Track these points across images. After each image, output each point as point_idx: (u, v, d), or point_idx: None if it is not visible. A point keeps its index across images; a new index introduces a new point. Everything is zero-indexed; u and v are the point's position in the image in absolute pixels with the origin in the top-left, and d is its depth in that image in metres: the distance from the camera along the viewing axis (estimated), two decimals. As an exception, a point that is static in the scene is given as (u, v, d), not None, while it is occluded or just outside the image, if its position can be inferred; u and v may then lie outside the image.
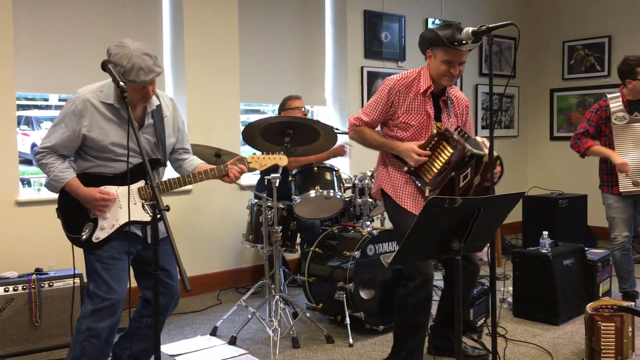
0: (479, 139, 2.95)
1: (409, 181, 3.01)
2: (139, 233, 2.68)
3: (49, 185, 2.61)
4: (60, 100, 4.58)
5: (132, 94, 2.50)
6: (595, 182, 4.23)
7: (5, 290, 3.47)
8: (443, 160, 2.86)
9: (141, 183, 2.65)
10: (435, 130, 2.98)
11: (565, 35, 7.09)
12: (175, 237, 4.57)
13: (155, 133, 2.67)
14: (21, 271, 3.67)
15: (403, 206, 3.00)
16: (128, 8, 4.50)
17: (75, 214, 2.61)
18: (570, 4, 7.03)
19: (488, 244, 2.66)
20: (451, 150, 2.85)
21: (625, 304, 3.23)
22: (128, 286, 2.55)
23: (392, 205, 3.06)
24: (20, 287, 3.51)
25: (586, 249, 4.22)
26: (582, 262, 4.11)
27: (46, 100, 4.58)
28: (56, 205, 2.68)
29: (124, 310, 2.59)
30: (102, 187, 2.59)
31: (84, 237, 2.58)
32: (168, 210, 2.07)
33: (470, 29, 2.68)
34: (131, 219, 2.56)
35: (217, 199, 4.87)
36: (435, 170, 2.88)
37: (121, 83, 2.30)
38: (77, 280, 3.58)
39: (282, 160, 2.96)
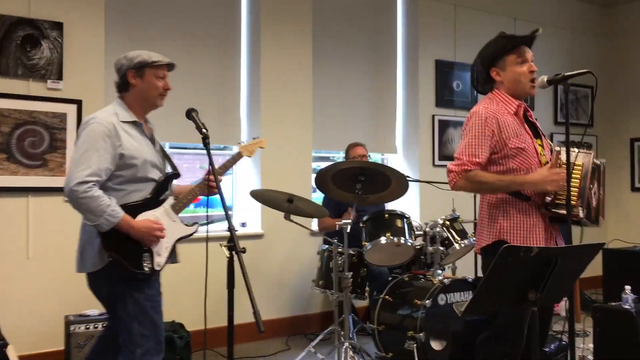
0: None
1: (539, 221, 2.68)
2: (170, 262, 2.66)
3: (105, 222, 2.38)
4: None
5: (153, 88, 2.59)
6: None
7: (86, 328, 3.62)
8: (578, 176, 2.61)
9: (171, 199, 2.64)
10: (557, 149, 2.68)
11: (645, 83, 6.88)
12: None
13: (161, 149, 2.73)
14: (102, 309, 3.81)
15: None
16: (208, 57, 4.75)
17: (130, 248, 2.47)
18: (651, 51, 6.84)
19: (566, 299, 2.55)
20: (580, 163, 2.64)
21: None
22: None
23: None
24: (100, 325, 3.65)
25: (674, 306, 3.97)
26: (670, 320, 3.86)
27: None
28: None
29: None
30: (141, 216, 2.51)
31: (147, 269, 2.48)
32: (244, 252, 2.13)
33: (545, 77, 2.66)
34: (180, 235, 2.60)
35: (287, 243, 4.94)
36: (577, 190, 2.59)
37: (203, 130, 2.45)
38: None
39: (262, 142, 3.01)
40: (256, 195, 3.95)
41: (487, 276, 2.11)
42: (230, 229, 2.15)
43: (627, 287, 3.84)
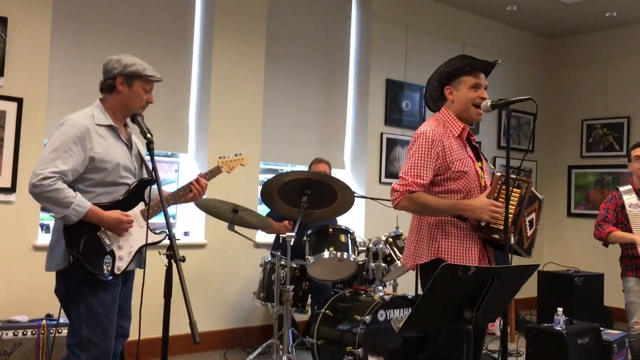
0: None
1: (475, 243, 2.73)
2: (134, 267, 2.64)
3: (73, 212, 2.38)
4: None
5: (138, 99, 2.59)
6: (613, 260, 4.18)
7: (14, 334, 3.47)
8: (515, 203, 2.67)
9: (141, 205, 2.62)
10: (498, 174, 2.72)
11: (584, 114, 7.18)
12: (188, 291, 4.54)
13: (139, 155, 2.71)
14: (32, 316, 3.68)
15: None
16: (159, 63, 4.64)
17: (91, 249, 2.45)
18: (590, 84, 7.15)
19: (500, 318, 2.61)
20: (518, 191, 2.70)
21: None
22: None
23: None
24: (29, 331, 3.51)
25: (602, 329, 4.13)
26: (598, 342, 4.01)
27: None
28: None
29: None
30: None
31: (107, 272, 2.45)
32: (184, 261, 2.09)
33: (489, 102, 2.74)
34: (145, 242, 2.58)
35: (230, 254, 4.88)
36: (511, 216, 2.64)
37: (148, 135, 2.41)
38: (86, 328, 3.57)
39: (244, 160, 3.07)
40: (200, 204, 3.91)
41: (425, 293, 2.14)
42: (170, 237, 2.11)
43: (559, 309, 3.97)
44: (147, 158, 2.64)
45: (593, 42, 7.16)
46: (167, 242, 2.24)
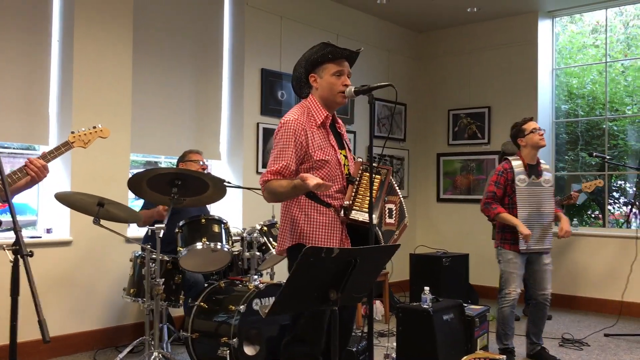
0: None
1: (337, 227, 2.77)
2: None
3: None
4: None
5: None
6: (477, 242, 4.42)
7: None
8: (376, 188, 2.77)
9: None
10: (360, 160, 2.84)
11: (450, 104, 7.59)
12: (53, 291, 4.28)
13: None
14: None
15: None
16: (13, 52, 4.34)
17: None
18: (455, 75, 7.56)
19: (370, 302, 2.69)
20: (378, 177, 2.82)
21: (498, 357, 3.37)
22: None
23: None
24: None
25: (465, 305, 4.39)
26: (461, 317, 4.26)
27: None
28: None
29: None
30: None
31: None
32: (31, 255, 1.95)
33: (352, 88, 2.81)
34: None
35: (99, 251, 4.65)
36: (374, 199, 2.72)
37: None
38: None
39: (104, 132, 2.90)
40: (62, 198, 3.67)
41: (290, 277, 2.15)
42: (16, 230, 1.95)
43: (426, 288, 4.16)
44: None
45: (457, 36, 7.58)
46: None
